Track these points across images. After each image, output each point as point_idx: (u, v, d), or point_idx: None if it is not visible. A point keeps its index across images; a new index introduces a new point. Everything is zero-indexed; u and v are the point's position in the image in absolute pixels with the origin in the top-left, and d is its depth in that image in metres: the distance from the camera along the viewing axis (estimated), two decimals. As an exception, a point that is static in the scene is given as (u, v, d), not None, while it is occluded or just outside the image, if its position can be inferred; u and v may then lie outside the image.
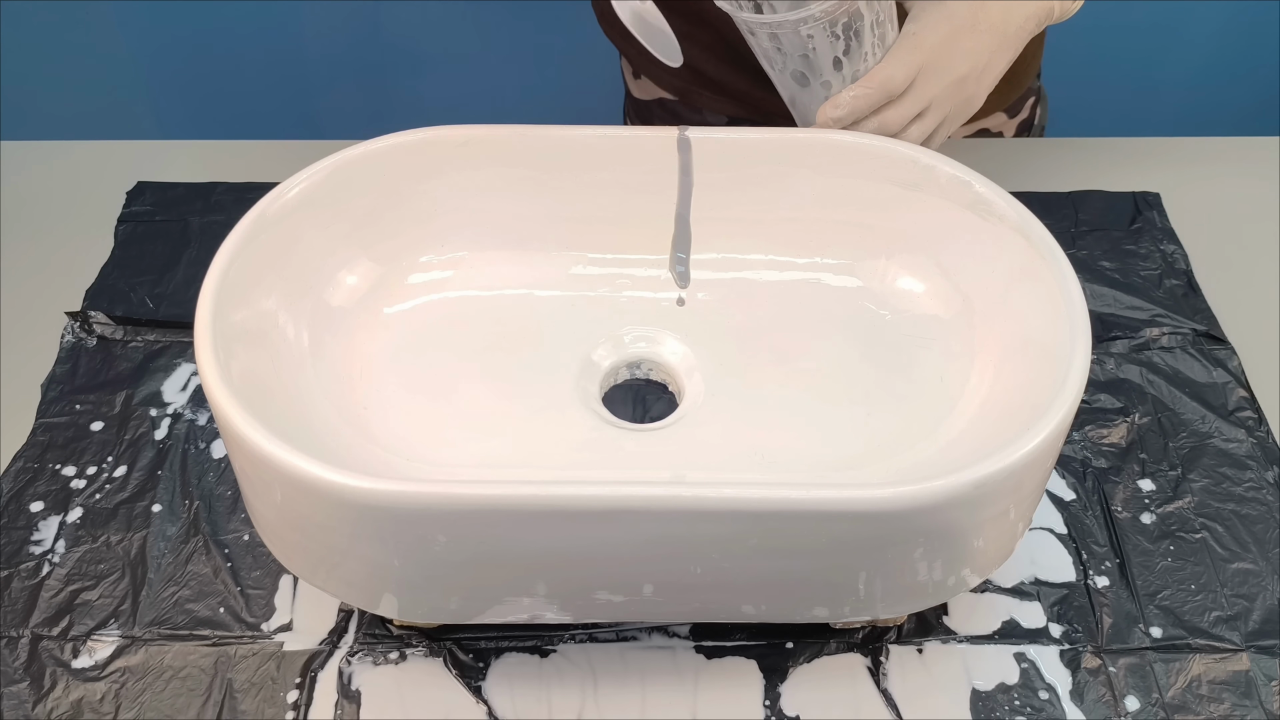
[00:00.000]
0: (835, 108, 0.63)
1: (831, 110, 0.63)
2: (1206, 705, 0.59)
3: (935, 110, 0.66)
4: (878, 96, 0.63)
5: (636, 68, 0.93)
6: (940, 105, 0.66)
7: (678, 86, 0.89)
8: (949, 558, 0.52)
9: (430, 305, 0.66)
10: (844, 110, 0.63)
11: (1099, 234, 0.84)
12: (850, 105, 0.63)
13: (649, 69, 0.91)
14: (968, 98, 0.67)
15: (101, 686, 0.60)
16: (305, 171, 0.62)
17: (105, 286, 0.80)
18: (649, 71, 0.91)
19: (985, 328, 0.62)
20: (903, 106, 0.64)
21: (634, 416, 0.65)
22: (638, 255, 0.68)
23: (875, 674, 0.61)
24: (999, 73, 0.68)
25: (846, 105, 0.63)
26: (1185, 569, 0.65)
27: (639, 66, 0.92)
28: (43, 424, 0.71)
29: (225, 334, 0.54)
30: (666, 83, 0.90)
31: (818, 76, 0.63)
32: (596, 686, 0.60)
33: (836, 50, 0.61)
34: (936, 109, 0.66)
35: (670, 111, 0.93)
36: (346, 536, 0.50)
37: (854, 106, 0.63)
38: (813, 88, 0.64)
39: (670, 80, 0.89)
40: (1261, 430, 0.71)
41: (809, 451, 0.61)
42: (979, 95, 0.68)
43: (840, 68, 0.63)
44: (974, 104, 0.68)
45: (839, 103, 0.63)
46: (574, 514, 0.48)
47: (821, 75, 0.63)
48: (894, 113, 0.64)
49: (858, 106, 0.63)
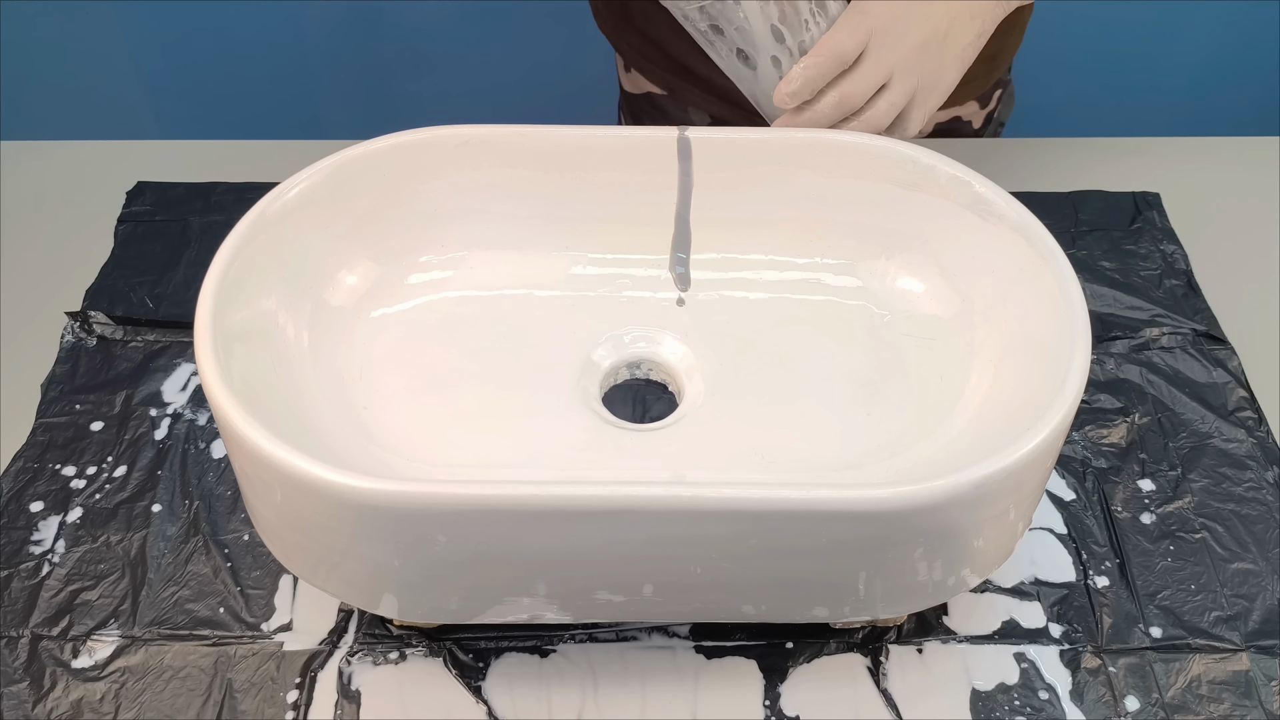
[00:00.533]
0: (789, 83, 0.61)
1: (785, 86, 0.61)
2: (1206, 705, 0.59)
3: (900, 81, 0.64)
4: (830, 64, 0.61)
5: (627, 61, 0.92)
6: (904, 75, 0.64)
7: (667, 81, 0.88)
8: (949, 558, 0.53)
9: (430, 305, 0.66)
10: (798, 83, 0.61)
11: (1099, 234, 0.84)
12: (803, 77, 0.61)
13: (639, 63, 0.90)
14: (935, 66, 0.65)
15: (101, 686, 0.60)
16: (305, 171, 0.62)
17: (105, 286, 0.80)
18: (639, 66, 0.90)
19: (985, 328, 0.62)
20: (861, 76, 0.62)
21: (634, 416, 0.65)
22: (638, 255, 0.68)
23: (875, 674, 0.61)
24: (968, 42, 0.66)
25: (799, 78, 0.61)
26: (1185, 569, 0.65)
27: (630, 60, 0.92)
28: (43, 424, 0.71)
29: (225, 334, 0.54)
30: (657, 77, 0.89)
31: (762, 52, 0.61)
32: (596, 686, 0.60)
33: (770, 17, 0.59)
34: (901, 79, 0.64)
35: (658, 107, 0.92)
36: (346, 536, 0.50)
37: (807, 77, 0.61)
38: (761, 67, 0.62)
39: (660, 75, 0.88)
40: (1261, 430, 0.71)
41: (809, 451, 0.61)
42: (948, 64, 0.65)
43: (781, 39, 0.61)
44: (945, 75, 0.66)
45: (791, 77, 0.61)
46: (574, 514, 0.48)
47: (765, 50, 0.61)
48: (853, 84, 0.62)
49: (810, 76, 0.61)
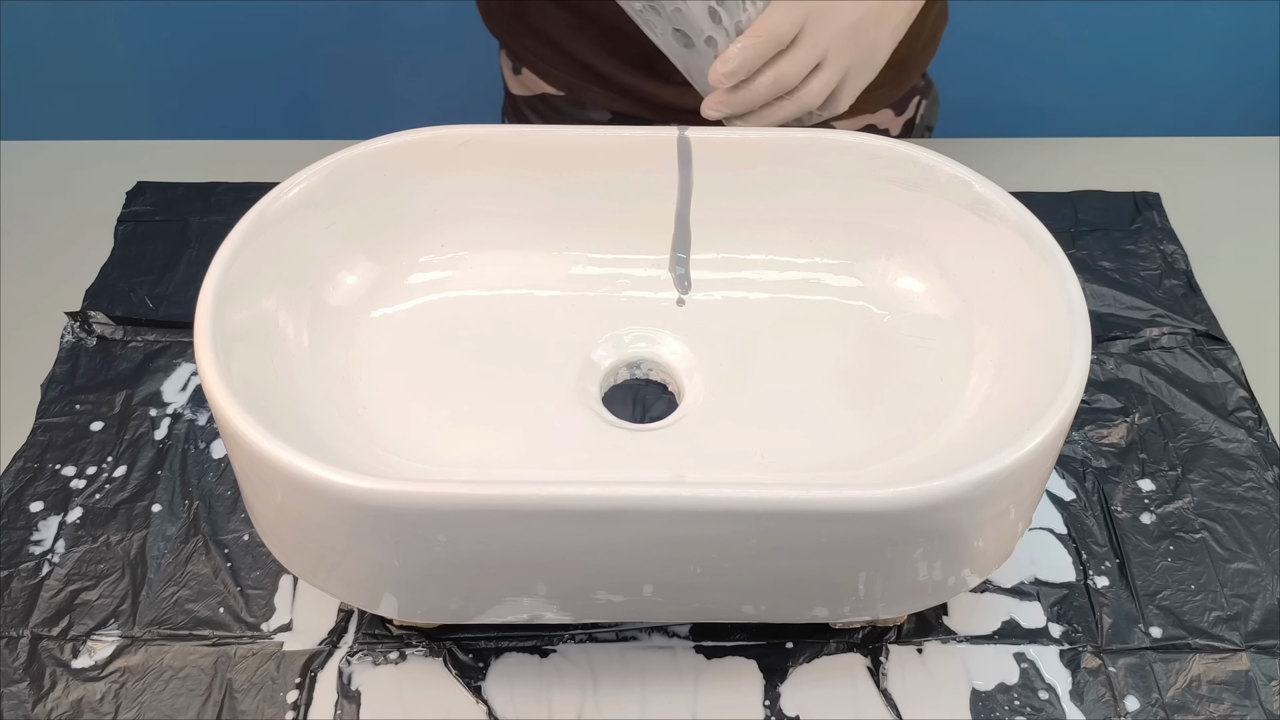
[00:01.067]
0: (725, 63, 0.61)
1: (722, 66, 0.62)
2: (1206, 705, 0.59)
3: (833, 61, 0.64)
4: (766, 45, 0.61)
5: (520, 63, 0.88)
6: (838, 55, 0.64)
7: (566, 81, 0.85)
8: (949, 558, 0.53)
9: (430, 305, 0.66)
10: (734, 63, 0.61)
11: (1099, 234, 0.84)
12: (740, 57, 0.61)
13: (534, 64, 0.86)
14: (868, 47, 0.66)
15: (101, 686, 0.60)
16: (305, 171, 0.62)
17: (105, 286, 0.80)
18: (534, 67, 0.87)
19: (985, 328, 0.62)
20: (796, 56, 0.63)
21: (634, 416, 0.65)
22: (638, 255, 0.68)
23: (875, 674, 0.61)
24: (899, 20, 0.67)
25: (736, 58, 0.61)
26: (1185, 569, 0.65)
27: (524, 61, 0.88)
28: (43, 424, 0.71)
29: (225, 334, 0.54)
30: (554, 78, 0.86)
31: (699, 34, 0.61)
32: (596, 686, 0.60)
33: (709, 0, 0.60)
34: (834, 59, 0.64)
35: (553, 108, 0.88)
36: (346, 536, 0.50)
37: (744, 58, 0.61)
38: (698, 47, 0.62)
39: (558, 75, 0.85)
40: (1261, 430, 0.71)
41: (809, 451, 0.61)
42: (880, 45, 0.66)
43: (718, 19, 0.61)
44: (876, 54, 0.66)
45: (728, 57, 0.61)
46: (574, 514, 0.48)
47: (702, 31, 0.61)
48: (789, 64, 0.63)
49: (747, 57, 0.61)
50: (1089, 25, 1.39)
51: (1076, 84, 1.45)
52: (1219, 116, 1.47)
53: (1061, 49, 1.42)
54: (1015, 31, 1.39)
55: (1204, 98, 1.47)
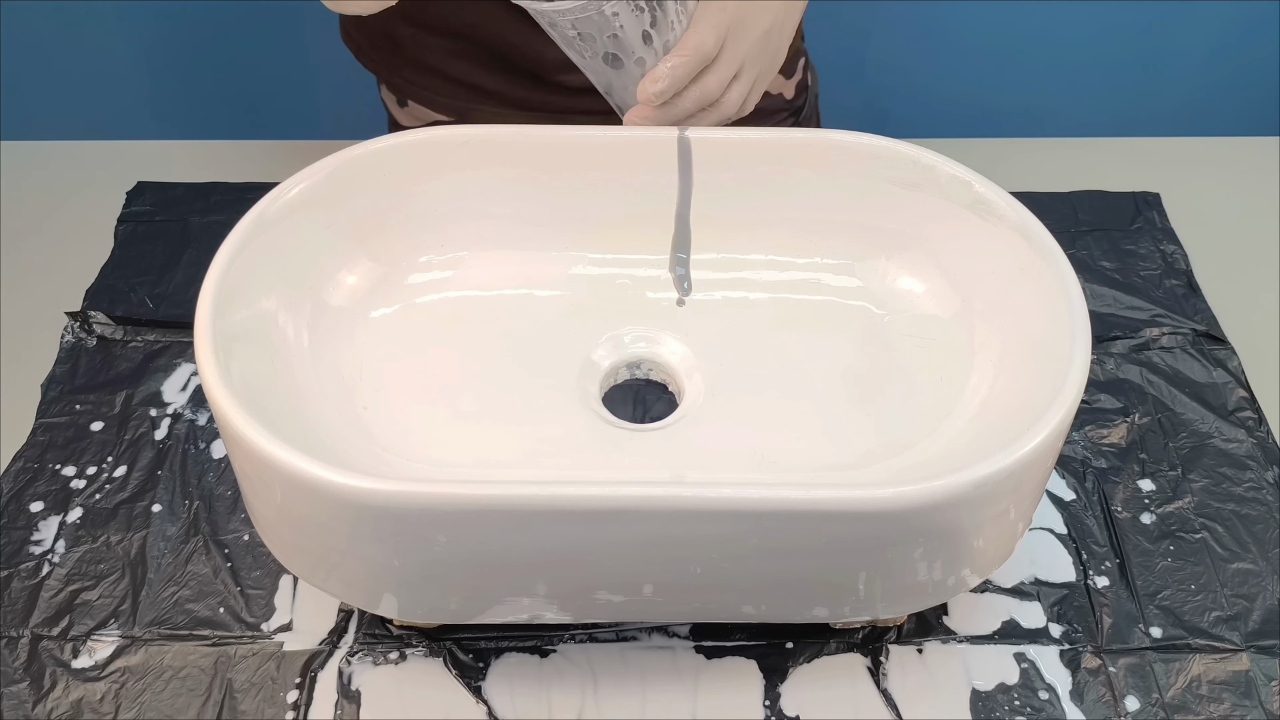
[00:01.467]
0: (655, 81, 0.62)
1: (651, 85, 0.62)
2: (1206, 705, 0.59)
3: (748, 70, 0.66)
4: (694, 63, 0.62)
5: (404, 95, 0.87)
6: (752, 64, 0.66)
7: (455, 107, 0.84)
8: (949, 558, 0.53)
9: (430, 305, 0.66)
10: (664, 83, 0.62)
11: (1099, 234, 0.84)
12: (670, 76, 0.62)
13: (419, 95, 0.85)
14: (774, 51, 0.68)
15: (101, 686, 0.60)
16: (305, 171, 0.62)
17: (105, 286, 0.80)
18: (419, 98, 0.86)
19: (985, 328, 0.62)
20: (719, 70, 0.64)
21: (634, 416, 0.65)
22: (638, 255, 0.68)
23: (875, 674, 0.61)
24: (794, 26, 0.69)
25: (666, 77, 0.62)
26: (1185, 569, 0.65)
27: (406, 94, 0.86)
28: (43, 424, 0.71)
29: (225, 334, 0.54)
30: (442, 105, 0.85)
31: (630, 55, 0.62)
32: (596, 686, 0.60)
33: (643, 24, 0.60)
34: (749, 68, 0.66)
35: None
36: (346, 536, 0.50)
37: (674, 77, 0.62)
38: (626, 67, 0.63)
39: (446, 102, 0.84)
40: (1261, 430, 0.71)
41: (809, 451, 0.61)
42: (782, 49, 0.68)
43: (650, 41, 0.62)
44: (779, 58, 0.68)
45: (658, 75, 0.62)
46: (574, 514, 0.48)
47: (634, 53, 0.62)
48: (713, 79, 0.64)
49: (677, 76, 0.62)
50: (1089, 25, 1.39)
51: (1076, 84, 1.45)
52: (1219, 116, 1.47)
53: (1062, 49, 1.41)
54: (1016, 31, 1.39)
55: (1204, 98, 1.47)
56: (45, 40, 1.38)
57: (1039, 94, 1.44)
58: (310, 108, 1.51)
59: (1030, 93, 1.44)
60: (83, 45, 1.40)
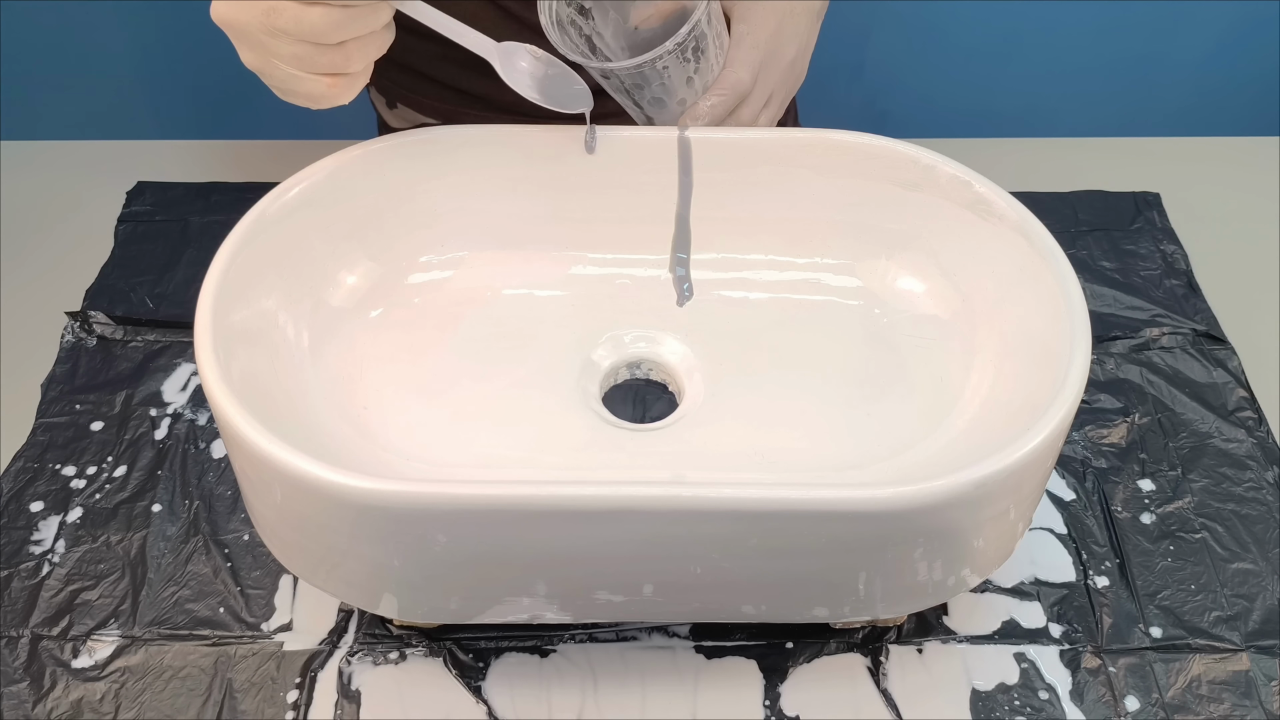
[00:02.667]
0: (695, 119, 0.65)
1: (692, 123, 0.65)
2: (1206, 705, 0.59)
3: (776, 96, 0.69)
4: (732, 101, 0.66)
5: (392, 98, 0.88)
6: (780, 91, 0.69)
7: (443, 110, 0.85)
8: (949, 558, 0.53)
9: (430, 305, 0.66)
10: (704, 120, 0.65)
11: (1099, 234, 0.84)
12: (710, 114, 0.65)
13: (407, 98, 0.87)
14: (797, 75, 0.71)
15: (101, 686, 0.60)
16: (305, 171, 0.62)
17: (105, 286, 0.80)
18: (407, 101, 0.87)
19: (985, 328, 0.62)
20: (753, 103, 0.67)
21: (634, 416, 0.65)
22: (638, 255, 0.68)
23: (875, 674, 0.61)
24: (813, 45, 0.72)
25: (706, 115, 0.65)
26: (1185, 569, 0.65)
27: (395, 97, 0.87)
28: (43, 424, 0.71)
29: (225, 334, 0.54)
30: (429, 108, 0.86)
31: (674, 97, 0.66)
32: (596, 686, 0.60)
33: (689, 71, 0.64)
34: (777, 95, 0.69)
35: None
36: (346, 536, 0.50)
37: (713, 115, 0.65)
38: (669, 106, 0.67)
39: (434, 105, 0.86)
40: (1261, 430, 0.71)
41: (809, 451, 0.61)
42: (804, 70, 0.71)
43: (692, 84, 0.65)
44: (801, 78, 0.72)
45: (698, 114, 0.65)
46: (574, 514, 0.48)
47: (677, 95, 0.66)
48: (747, 111, 0.67)
49: (716, 115, 0.65)
50: (1089, 25, 1.39)
51: (1076, 84, 1.45)
52: (1219, 116, 1.47)
53: (1062, 49, 1.41)
54: (1016, 31, 1.39)
55: (1204, 98, 1.47)
56: (45, 40, 1.38)
57: (1039, 94, 1.44)
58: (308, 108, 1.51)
59: (1030, 93, 1.44)
60: (83, 45, 1.40)
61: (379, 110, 0.91)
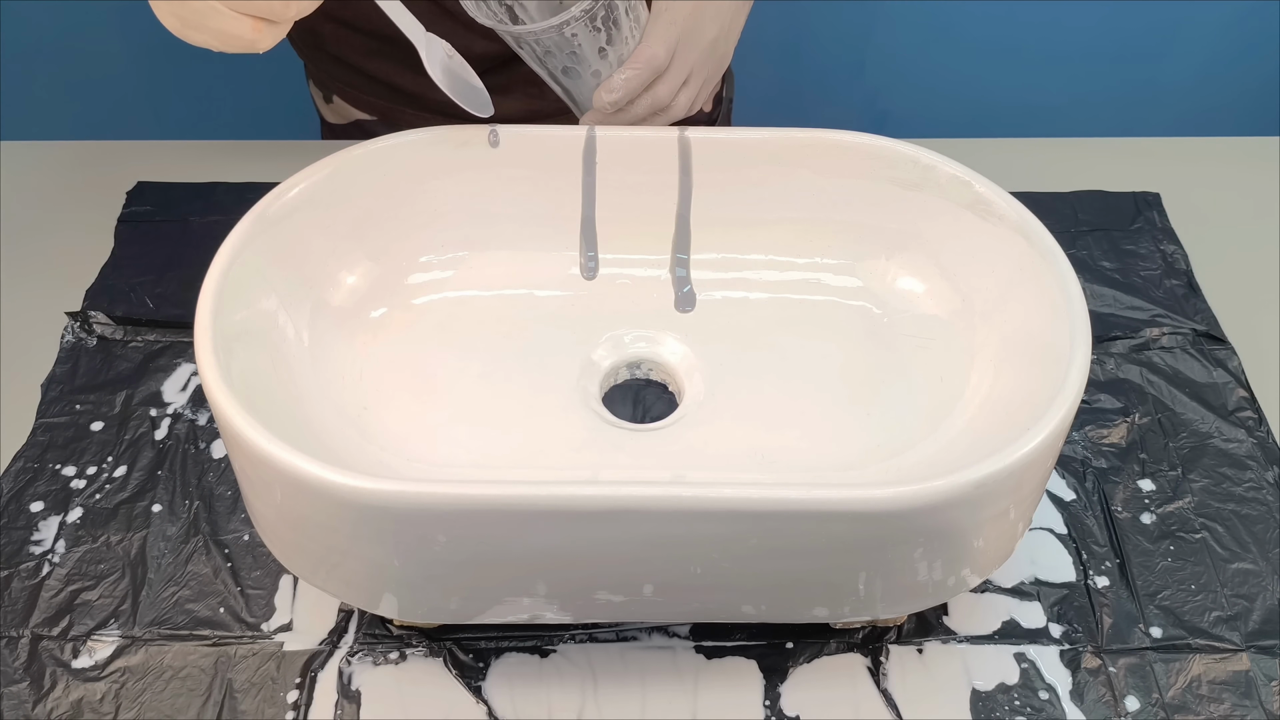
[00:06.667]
0: (609, 91, 0.65)
1: (606, 95, 0.65)
2: (1206, 705, 0.59)
3: (696, 76, 0.69)
4: (647, 75, 0.65)
5: (330, 91, 0.88)
6: (700, 70, 0.69)
7: (378, 106, 0.86)
8: (949, 558, 0.53)
9: (430, 305, 0.66)
10: (619, 93, 0.65)
11: (1099, 234, 0.84)
12: (624, 88, 0.65)
13: (342, 91, 0.87)
14: (720, 58, 0.71)
15: (101, 686, 0.60)
16: (305, 171, 0.62)
17: (105, 286, 0.80)
18: (343, 94, 0.87)
19: (985, 328, 0.62)
20: (670, 79, 0.67)
21: (634, 416, 0.65)
22: (638, 255, 0.68)
23: (875, 674, 0.61)
24: (738, 32, 0.72)
25: (620, 88, 0.65)
26: (1185, 569, 0.65)
27: (331, 89, 0.88)
28: (43, 424, 0.71)
29: (225, 334, 0.54)
30: (365, 104, 0.86)
31: (587, 68, 0.66)
32: (596, 686, 0.60)
33: (599, 41, 0.64)
34: (697, 74, 0.69)
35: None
36: (346, 536, 0.50)
37: (627, 89, 0.65)
38: (584, 78, 0.66)
39: (369, 100, 0.86)
40: (1261, 430, 0.71)
41: (809, 451, 0.61)
42: (728, 54, 0.72)
43: (605, 55, 0.65)
44: (724, 63, 0.72)
45: (612, 86, 0.65)
46: (574, 514, 0.48)
47: (590, 66, 0.65)
48: (664, 87, 0.67)
49: (630, 88, 0.65)
50: (1089, 25, 1.39)
51: (1076, 84, 1.45)
52: (1219, 116, 1.47)
53: (1062, 49, 1.42)
54: (1016, 31, 1.40)
55: (1204, 98, 1.47)
56: (45, 40, 1.38)
57: (1039, 94, 1.45)
58: (310, 108, 1.51)
59: (1030, 93, 1.44)
60: (83, 45, 1.40)
61: (316, 104, 0.92)
